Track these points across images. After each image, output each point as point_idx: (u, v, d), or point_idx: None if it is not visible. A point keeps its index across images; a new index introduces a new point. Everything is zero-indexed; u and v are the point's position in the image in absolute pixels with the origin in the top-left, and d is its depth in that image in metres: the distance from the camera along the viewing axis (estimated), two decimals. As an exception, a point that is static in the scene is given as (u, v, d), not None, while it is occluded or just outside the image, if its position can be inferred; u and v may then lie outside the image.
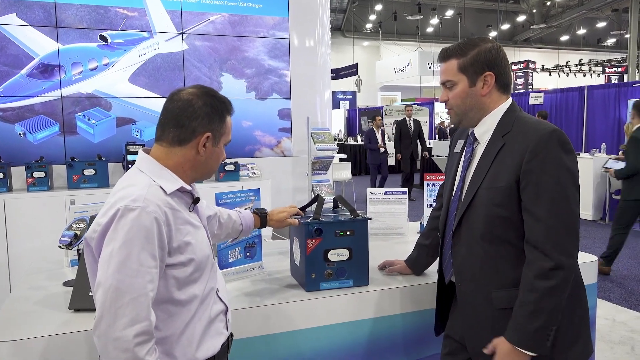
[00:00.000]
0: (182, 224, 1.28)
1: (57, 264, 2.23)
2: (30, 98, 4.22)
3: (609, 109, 10.23)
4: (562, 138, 1.40)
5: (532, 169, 1.39)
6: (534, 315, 1.37)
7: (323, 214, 1.89)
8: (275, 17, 4.90)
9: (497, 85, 1.52)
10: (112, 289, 1.14)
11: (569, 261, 1.38)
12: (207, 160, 1.37)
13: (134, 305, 1.14)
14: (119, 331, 1.12)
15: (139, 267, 1.16)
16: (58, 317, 1.62)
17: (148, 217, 1.18)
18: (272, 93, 4.97)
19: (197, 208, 1.40)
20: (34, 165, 4.04)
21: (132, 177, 1.31)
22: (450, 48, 1.56)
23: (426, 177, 2.69)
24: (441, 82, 1.58)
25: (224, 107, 1.37)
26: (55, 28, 4.24)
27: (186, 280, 1.28)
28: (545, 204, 1.38)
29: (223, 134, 1.38)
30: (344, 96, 22.49)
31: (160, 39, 4.55)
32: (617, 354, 3.36)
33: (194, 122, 1.31)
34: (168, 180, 1.30)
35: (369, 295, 1.84)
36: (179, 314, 1.28)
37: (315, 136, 4.08)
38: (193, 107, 1.32)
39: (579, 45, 26.39)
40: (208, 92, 1.36)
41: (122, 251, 1.15)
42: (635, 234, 6.98)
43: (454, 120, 1.59)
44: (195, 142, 1.32)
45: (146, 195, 1.21)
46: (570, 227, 1.38)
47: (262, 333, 1.71)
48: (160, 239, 1.21)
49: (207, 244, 1.39)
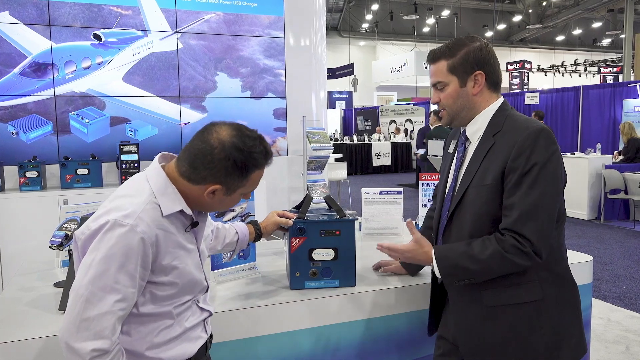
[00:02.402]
0: (173, 247, 1.25)
1: (48, 264, 2.21)
2: (23, 97, 4.18)
3: (604, 109, 10.26)
4: (549, 136, 1.40)
5: (517, 166, 1.39)
6: (472, 258, 1.41)
7: (315, 213, 1.88)
8: (270, 16, 4.88)
9: (487, 84, 1.52)
10: (82, 299, 1.13)
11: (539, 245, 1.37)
12: (214, 205, 1.31)
13: (99, 321, 1.12)
14: (79, 342, 1.12)
15: (114, 285, 1.14)
16: (48, 318, 1.60)
17: (135, 236, 1.16)
18: (267, 92, 4.95)
19: (194, 230, 1.35)
20: (27, 165, 4.00)
21: (136, 185, 1.27)
22: (439, 49, 1.55)
23: (421, 177, 2.68)
24: (432, 83, 1.57)
25: (251, 163, 1.25)
26: (48, 26, 4.20)
27: (164, 297, 1.26)
28: (519, 195, 1.38)
29: (241, 187, 1.29)
30: (340, 96, 22.49)
31: (154, 38, 4.52)
32: (612, 354, 3.36)
33: (207, 171, 1.23)
34: (170, 200, 1.25)
35: (362, 295, 1.83)
36: (153, 323, 1.26)
37: (310, 136, 4.06)
38: (212, 156, 1.22)
39: (574, 46, 26.48)
40: (239, 145, 1.23)
41: (101, 265, 1.14)
42: (628, 232, 7.00)
43: (446, 120, 1.59)
44: (203, 187, 1.26)
45: (140, 214, 1.18)
46: (544, 215, 1.37)
47: (251, 335, 1.69)
48: (145, 259, 1.18)
49: (197, 267, 1.34)
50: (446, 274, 1.47)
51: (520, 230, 1.37)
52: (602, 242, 6.45)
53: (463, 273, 1.44)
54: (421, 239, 1.57)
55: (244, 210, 2.02)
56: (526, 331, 1.44)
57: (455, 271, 1.45)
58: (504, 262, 1.38)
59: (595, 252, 5.85)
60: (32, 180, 4.00)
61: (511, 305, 1.45)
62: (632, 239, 6.65)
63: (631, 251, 6.03)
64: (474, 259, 1.41)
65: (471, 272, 1.42)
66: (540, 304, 1.44)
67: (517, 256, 1.37)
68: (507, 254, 1.37)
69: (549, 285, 1.45)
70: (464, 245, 1.46)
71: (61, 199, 3.59)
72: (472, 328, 1.51)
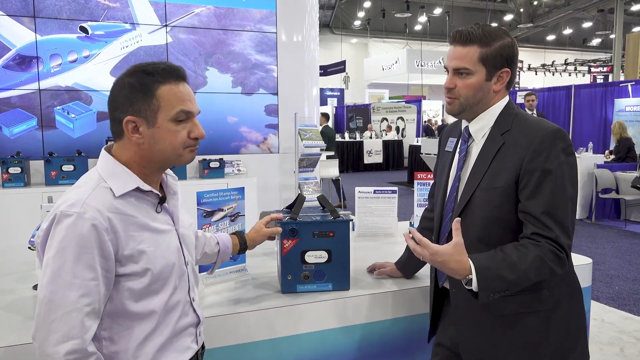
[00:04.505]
0: (135, 230, 1.15)
1: (29, 265, 2.12)
2: (6, 90, 4.06)
3: (595, 108, 10.29)
4: (565, 138, 1.35)
5: (534, 168, 1.32)
6: (512, 267, 1.27)
7: (307, 214, 1.80)
8: (262, 11, 4.79)
9: (507, 83, 1.45)
10: (45, 301, 1.06)
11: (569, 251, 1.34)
12: (152, 146, 1.17)
13: (66, 321, 1.05)
14: (52, 347, 1.05)
15: (73, 279, 1.06)
16: (25, 324, 1.50)
17: (84, 224, 1.07)
18: (258, 88, 4.86)
19: (167, 208, 1.26)
20: (10, 161, 3.89)
21: (85, 177, 1.20)
22: (474, 31, 1.39)
23: (416, 176, 2.61)
24: (453, 66, 1.43)
25: (149, 80, 1.15)
26: (33, 18, 4.08)
27: (143, 291, 1.16)
28: (542, 199, 1.31)
29: (158, 110, 1.15)
30: (332, 93, 22.42)
31: (143, 31, 4.41)
32: (607, 355, 3.32)
33: (116, 111, 1.17)
34: (120, 180, 1.16)
35: (357, 300, 1.76)
36: (137, 327, 1.16)
37: (302, 133, 3.98)
38: (113, 95, 1.18)
39: (565, 45, 26.62)
40: (132, 69, 1.18)
41: (56, 261, 1.06)
42: (619, 232, 7.01)
43: (456, 110, 1.46)
44: (126, 133, 1.17)
45: (86, 200, 1.09)
46: (569, 220, 1.34)
47: (242, 341, 1.62)
48: (102, 247, 1.09)
49: (175, 250, 1.24)
50: (485, 287, 1.27)
51: (555, 237, 1.30)
52: (594, 242, 6.45)
53: (501, 284, 1.27)
54: (462, 244, 1.30)
55: (234, 210, 1.94)
56: (536, 341, 1.37)
57: (495, 283, 1.27)
58: (543, 269, 1.29)
59: (587, 252, 5.84)
60: (15, 176, 3.89)
61: (521, 314, 1.38)
62: (623, 238, 6.65)
63: (623, 251, 6.02)
64: (513, 267, 1.27)
65: (508, 282, 1.27)
66: (550, 313, 1.38)
67: (555, 263, 1.30)
68: (548, 261, 1.29)
69: (559, 292, 1.39)
70: (499, 252, 1.31)
71: (45, 196, 3.48)
72: (477, 336, 1.44)
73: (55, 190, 3.81)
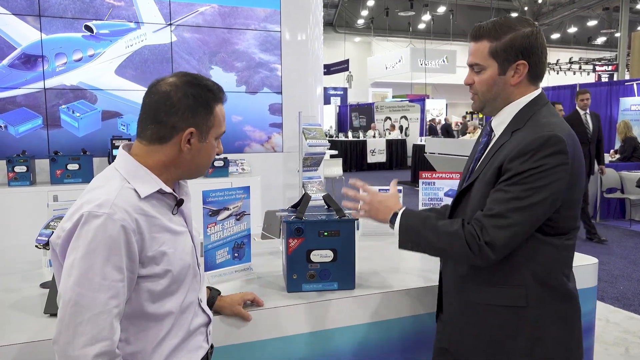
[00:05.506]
0: (158, 232, 1.16)
1: (35, 263, 2.13)
2: (12, 89, 4.08)
3: (600, 107, 10.23)
4: (557, 145, 1.28)
5: (510, 168, 1.31)
6: (434, 231, 1.39)
7: (312, 213, 1.81)
8: (266, 9, 4.79)
9: (528, 75, 1.39)
10: (71, 303, 1.04)
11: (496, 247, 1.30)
12: (194, 158, 1.22)
13: (95, 323, 1.03)
14: (78, 350, 1.03)
15: (102, 281, 1.05)
16: (33, 322, 1.51)
17: (114, 225, 1.06)
18: (262, 87, 4.86)
19: (182, 210, 1.27)
20: (16, 159, 3.91)
21: (105, 176, 1.19)
22: (484, 27, 1.39)
23: (421, 175, 2.61)
24: (469, 63, 1.44)
25: (210, 97, 1.21)
26: (38, 17, 4.09)
27: (161, 293, 1.17)
28: (505, 196, 1.29)
29: (212, 127, 1.22)
30: (335, 92, 22.43)
31: (147, 30, 4.42)
32: (612, 356, 3.32)
33: (173, 117, 1.17)
34: (144, 182, 1.16)
35: (362, 299, 1.76)
36: (153, 329, 1.17)
37: (306, 132, 3.99)
38: (172, 100, 1.17)
39: (569, 44, 26.52)
40: (191, 80, 1.20)
41: (84, 262, 1.05)
42: (624, 232, 6.98)
43: (477, 106, 1.47)
44: (177, 139, 1.18)
45: (115, 200, 1.09)
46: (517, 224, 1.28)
47: (247, 340, 1.62)
48: (129, 249, 1.09)
49: (190, 251, 1.26)
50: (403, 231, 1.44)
51: (486, 226, 1.30)
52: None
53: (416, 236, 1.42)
54: (397, 195, 1.57)
55: (239, 209, 1.94)
56: (502, 335, 1.37)
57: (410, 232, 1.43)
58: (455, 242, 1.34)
59: (592, 252, 5.82)
60: (21, 175, 3.90)
61: (492, 305, 1.39)
62: (628, 238, 6.63)
63: (628, 251, 6.00)
64: (433, 228, 1.39)
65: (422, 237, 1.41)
66: (521, 311, 1.36)
67: (470, 244, 1.31)
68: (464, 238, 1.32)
69: (535, 295, 1.35)
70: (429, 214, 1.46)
71: (51, 195, 3.50)
72: (458, 324, 1.47)
73: (60, 189, 3.83)
